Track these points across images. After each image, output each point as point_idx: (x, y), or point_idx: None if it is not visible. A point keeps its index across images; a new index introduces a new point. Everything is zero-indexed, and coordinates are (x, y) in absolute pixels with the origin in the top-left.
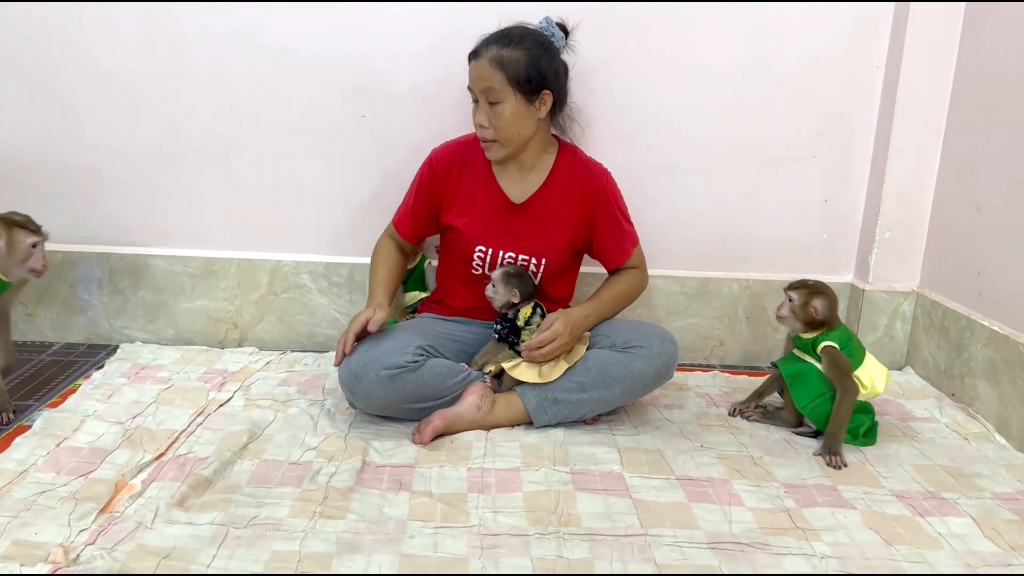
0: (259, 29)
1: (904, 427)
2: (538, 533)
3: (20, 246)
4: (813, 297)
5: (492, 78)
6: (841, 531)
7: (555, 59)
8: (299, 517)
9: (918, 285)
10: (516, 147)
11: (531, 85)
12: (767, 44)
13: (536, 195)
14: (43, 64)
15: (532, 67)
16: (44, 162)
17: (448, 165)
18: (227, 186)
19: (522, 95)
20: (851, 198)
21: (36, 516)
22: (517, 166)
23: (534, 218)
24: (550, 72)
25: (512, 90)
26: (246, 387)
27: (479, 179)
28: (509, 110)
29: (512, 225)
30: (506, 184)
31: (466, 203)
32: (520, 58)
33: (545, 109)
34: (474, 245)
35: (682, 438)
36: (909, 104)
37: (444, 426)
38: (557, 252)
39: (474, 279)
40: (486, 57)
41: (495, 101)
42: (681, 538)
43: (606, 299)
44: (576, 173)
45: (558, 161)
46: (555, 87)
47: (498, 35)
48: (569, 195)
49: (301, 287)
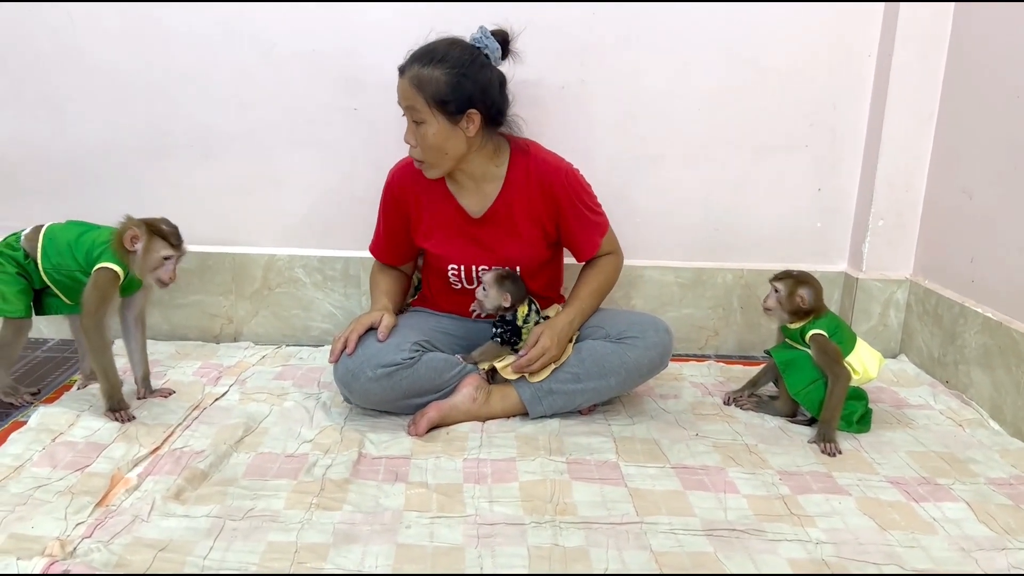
0: (248, 22)
1: (898, 414)
2: (534, 522)
3: (155, 255)
4: (798, 287)
5: (413, 98)
6: (836, 517)
7: (482, 75)
8: (295, 509)
9: (911, 273)
10: (448, 166)
11: (453, 105)
12: (757, 33)
13: (495, 205)
14: (30, 59)
15: (453, 88)
16: (32, 157)
17: (403, 187)
18: (218, 180)
19: (444, 115)
20: (844, 187)
21: (32, 510)
22: (469, 179)
23: (499, 228)
24: (475, 90)
25: (433, 111)
26: (241, 381)
27: (436, 197)
28: (432, 131)
29: (479, 238)
30: (463, 199)
31: (429, 223)
32: (439, 78)
33: (474, 127)
34: (446, 264)
35: (677, 427)
36: (901, 92)
37: (439, 418)
38: (531, 254)
39: (456, 292)
40: (407, 76)
41: (419, 121)
42: (676, 525)
43: (585, 296)
44: (533, 174)
45: (512, 166)
46: (483, 104)
47: (422, 52)
48: (529, 197)
49: (295, 281)
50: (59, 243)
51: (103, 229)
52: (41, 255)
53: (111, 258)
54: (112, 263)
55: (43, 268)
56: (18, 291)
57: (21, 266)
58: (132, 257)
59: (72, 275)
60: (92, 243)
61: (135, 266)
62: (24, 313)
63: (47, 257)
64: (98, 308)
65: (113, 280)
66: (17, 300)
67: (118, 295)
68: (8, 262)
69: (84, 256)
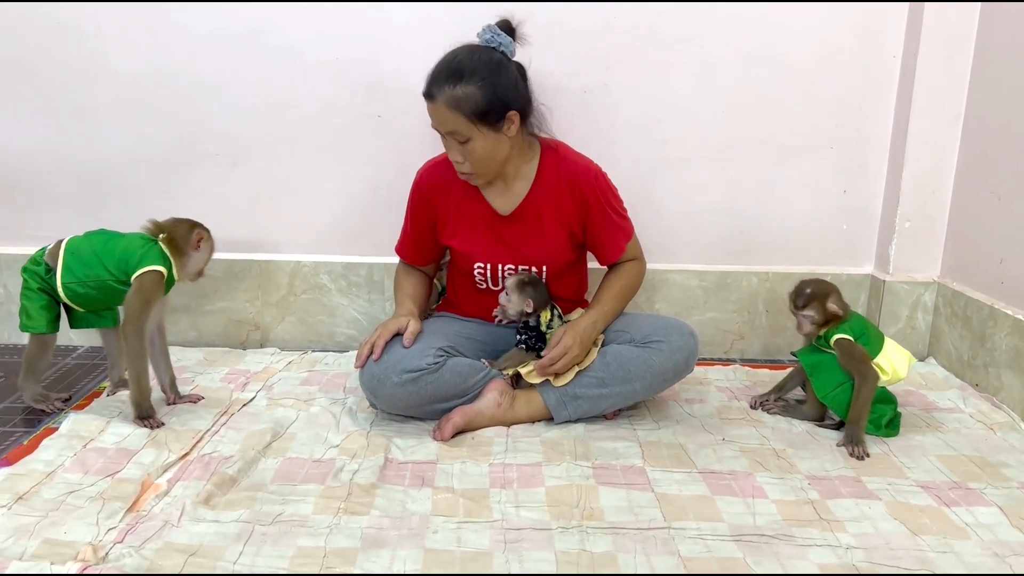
0: (273, 31)
1: (928, 417)
2: (561, 527)
3: (210, 256)
4: (826, 301)
5: (453, 121)
6: (866, 522)
7: (509, 75)
8: (323, 514)
9: (939, 275)
10: (497, 171)
11: (493, 115)
12: (781, 34)
13: (524, 204)
14: (59, 71)
15: (489, 98)
16: (62, 167)
17: (432, 186)
18: (244, 188)
19: (487, 127)
20: (869, 188)
21: (65, 516)
22: (499, 178)
23: (526, 226)
24: (509, 92)
25: (476, 127)
26: (268, 387)
27: (465, 195)
28: (479, 145)
29: (506, 236)
30: (492, 197)
31: (457, 221)
32: (474, 93)
33: (514, 127)
34: (472, 262)
35: (703, 432)
36: (927, 93)
37: (465, 423)
38: (556, 255)
39: (481, 291)
40: (441, 100)
41: (463, 140)
42: (705, 531)
43: (608, 299)
44: (562, 173)
45: (542, 165)
46: (518, 103)
47: (446, 71)
48: (558, 197)
49: (320, 287)
50: (84, 255)
51: (130, 236)
52: (62, 269)
53: (156, 260)
54: (158, 265)
55: (62, 282)
56: (40, 307)
57: (44, 281)
58: (184, 259)
59: (103, 284)
60: (124, 250)
61: (185, 266)
62: (47, 329)
63: (69, 271)
64: (142, 312)
65: (159, 282)
66: (39, 316)
67: (162, 297)
68: (32, 278)
69: (116, 264)
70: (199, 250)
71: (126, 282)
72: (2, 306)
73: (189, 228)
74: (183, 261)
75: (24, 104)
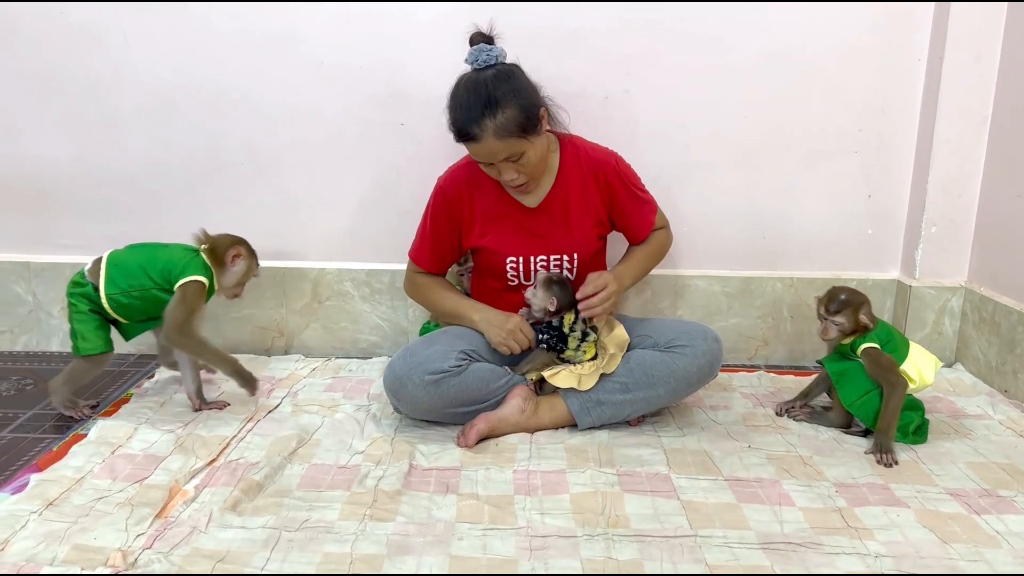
0: (297, 40)
1: (956, 424)
2: (586, 534)
3: (249, 273)
4: (859, 311)
5: (506, 148)
6: (895, 530)
7: (522, 79)
8: (349, 520)
9: (966, 280)
10: (544, 168)
11: (532, 122)
12: (804, 38)
13: (550, 195)
14: (87, 82)
15: (524, 110)
16: (90, 176)
17: (457, 190)
18: (269, 196)
19: (533, 135)
20: (895, 192)
21: (94, 521)
22: None
23: (554, 217)
24: (532, 94)
25: (528, 139)
26: (293, 393)
27: (491, 195)
28: (533, 152)
29: (535, 229)
30: (519, 193)
31: (485, 222)
32: (512, 114)
33: (545, 123)
34: (504, 258)
35: (729, 439)
36: (953, 95)
37: (488, 429)
38: (584, 243)
39: (510, 290)
40: (487, 135)
41: (518, 159)
42: (732, 539)
43: (636, 260)
44: (584, 162)
45: (563, 157)
46: (541, 100)
47: (478, 106)
48: (583, 186)
49: (344, 294)
50: (128, 266)
51: (172, 247)
52: (105, 281)
53: (198, 270)
54: (199, 275)
55: (106, 294)
56: (95, 328)
57: (92, 301)
58: (222, 271)
59: (147, 293)
60: (168, 260)
61: (222, 279)
62: (104, 348)
63: (113, 283)
64: (186, 321)
65: (201, 291)
66: (95, 337)
67: (204, 305)
68: (79, 301)
69: (160, 274)
70: (234, 265)
71: (169, 290)
72: (31, 313)
73: (230, 243)
74: (221, 273)
75: (52, 113)
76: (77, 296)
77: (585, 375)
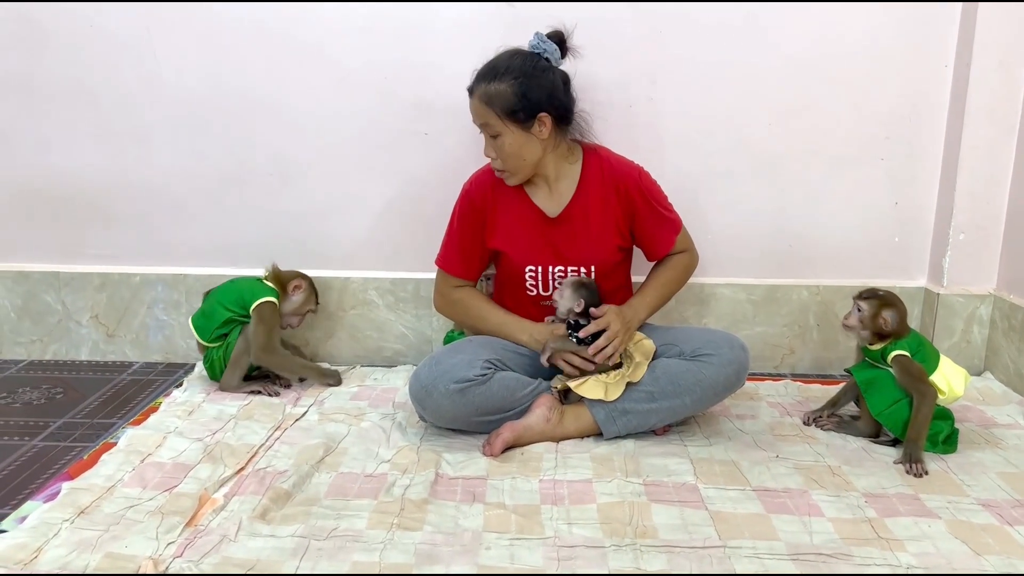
0: (322, 50)
1: (986, 434)
2: (614, 545)
3: (306, 305)
4: (883, 308)
5: (486, 114)
6: (926, 541)
7: (546, 79)
8: (377, 528)
9: (995, 287)
10: (527, 171)
11: (524, 113)
12: (830, 45)
13: (570, 206)
14: (118, 94)
15: (520, 97)
16: (120, 186)
17: (483, 192)
18: (295, 205)
19: (516, 125)
20: (922, 200)
21: (125, 530)
22: (543, 181)
23: (574, 228)
24: (541, 95)
25: (505, 123)
26: (320, 402)
27: (514, 201)
28: (508, 141)
29: (554, 239)
30: (539, 200)
31: (506, 227)
32: (506, 91)
33: (546, 130)
34: (523, 267)
35: (756, 448)
36: (980, 102)
37: (514, 438)
38: (604, 256)
39: (530, 301)
40: (476, 95)
41: (494, 135)
42: (761, 549)
43: (652, 289)
44: (606, 175)
45: (585, 167)
46: (551, 106)
47: (485, 69)
48: (604, 198)
49: (369, 303)
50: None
51: (240, 279)
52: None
53: (267, 292)
54: (269, 296)
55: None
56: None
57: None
58: (283, 299)
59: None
60: (239, 291)
61: (282, 306)
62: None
63: (203, 332)
64: (268, 339)
65: (274, 309)
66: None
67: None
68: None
69: (235, 304)
70: (294, 295)
71: (246, 315)
72: (60, 322)
73: (294, 275)
74: (282, 301)
75: (84, 125)
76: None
77: (611, 384)
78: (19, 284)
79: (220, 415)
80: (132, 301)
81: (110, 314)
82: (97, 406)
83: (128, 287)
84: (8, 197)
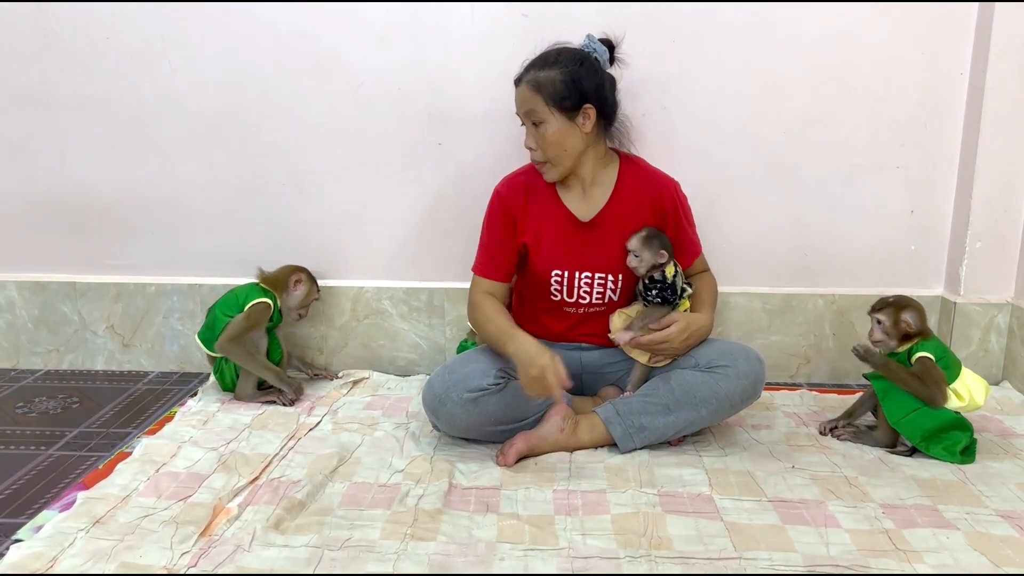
0: (337, 62)
1: (1005, 444)
2: (629, 556)
3: (309, 296)
4: (901, 312)
5: (532, 100)
6: (945, 552)
7: (595, 73)
8: (391, 539)
9: (1013, 296)
10: (568, 164)
11: (570, 102)
12: (845, 53)
13: (604, 211)
14: (135, 107)
15: (568, 84)
16: (137, 197)
17: (515, 194)
18: (309, 216)
19: (562, 113)
20: (938, 208)
21: (140, 539)
22: (579, 183)
23: (604, 235)
24: (589, 86)
25: (551, 109)
26: (333, 411)
27: (546, 202)
28: (552, 129)
29: (584, 244)
30: (571, 203)
31: (536, 228)
32: (555, 77)
33: (590, 123)
34: (550, 270)
35: (772, 459)
36: (997, 109)
37: (527, 448)
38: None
39: (554, 306)
40: (525, 82)
41: (538, 122)
42: (777, 561)
43: (712, 304)
44: (643, 185)
45: (621, 174)
46: (597, 100)
47: (536, 59)
48: (638, 207)
49: (382, 313)
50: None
51: (239, 286)
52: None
53: (262, 294)
54: (264, 298)
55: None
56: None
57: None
58: (286, 295)
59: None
60: (236, 294)
61: (287, 302)
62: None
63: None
64: (241, 334)
65: (265, 311)
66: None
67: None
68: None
69: (235, 308)
70: (296, 289)
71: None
72: (76, 332)
73: (292, 270)
74: (284, 297)
75: (101, 136)
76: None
77: None
78: (36, 294)
79: (234, 424)
80: (148, 311)
81: (126, 324)
82: (113, 416)
83: (144, 297)
84: (26, 208)
